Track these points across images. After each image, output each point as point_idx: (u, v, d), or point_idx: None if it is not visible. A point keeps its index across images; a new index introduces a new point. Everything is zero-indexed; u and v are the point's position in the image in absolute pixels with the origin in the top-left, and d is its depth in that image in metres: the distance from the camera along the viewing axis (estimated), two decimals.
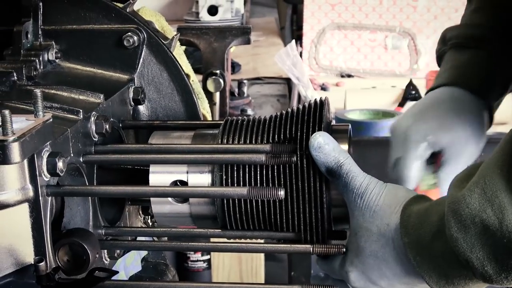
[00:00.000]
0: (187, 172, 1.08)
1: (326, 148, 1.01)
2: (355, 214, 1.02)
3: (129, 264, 1.21)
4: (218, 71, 2.12)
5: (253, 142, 1.08)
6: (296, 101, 2.56)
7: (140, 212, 1.28)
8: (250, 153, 1.03)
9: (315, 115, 1.08)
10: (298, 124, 1.07)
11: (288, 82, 2.84)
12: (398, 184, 1.16)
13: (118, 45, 1.23)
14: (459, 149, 1.29)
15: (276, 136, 1.08)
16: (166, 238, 1.26)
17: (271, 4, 5.24)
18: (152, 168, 1.09)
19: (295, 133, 1.06)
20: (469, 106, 1.32)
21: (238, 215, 1.07)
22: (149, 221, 1.31)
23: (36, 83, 1.17)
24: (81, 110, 1.04)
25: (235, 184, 1.05)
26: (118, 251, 1.11)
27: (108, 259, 1.11)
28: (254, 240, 1.08)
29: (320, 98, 1.13)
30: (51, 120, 0.92)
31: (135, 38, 1.23)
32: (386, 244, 0.99)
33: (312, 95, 2.73)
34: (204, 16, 3.75)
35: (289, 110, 1.13)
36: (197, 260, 2.73)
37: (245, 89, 2.40)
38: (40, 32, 1.25)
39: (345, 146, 1.07)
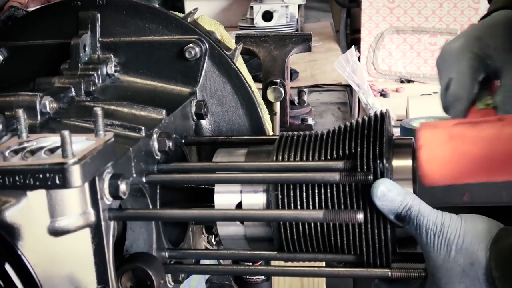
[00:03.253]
0: (241, 192, 1.03)
1: (390, 195, 0.95)
2: (431, 256, 0.95)
3: (193, 287, 1.15)
4: (278, 80, 2.06)
5: (310, 158, 1.02)
6: (357, 109, 2.48)
7: (204, 231, 1.23)
8: (321, 171, 0.97)
9: (375, 130, 1.01)
10: (358, 139, 1.00)
11: (347, 89, 2.76)
12: (454, 105, 1.11)
13: (179, 57, 1.18)
14: None
15: (334, 152, 1.01)
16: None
17: (325, 8, 5.16)
18: (217, 188, 1.03)
19: (355, 149, 1.00)
20: None
21: (296, 237, 1.01)
22: (212, 240, 1.25)
23: (94, 98, 1.12)
24: (143, 128, 0.99)
25: (292, 205, 0.99)
26: (182, 275, 1.06)
27: (172, 283, 1.06)
28: (317, 263, 1.02)
29: (381, 111, 1.06)
30: (112, 139, 0.87)
31: (197, 49, 1.17)
32: (472, 284, 0.92)
33: (373, 102, 2.65)
34: (259, 22, 3.69)
35: (347, 124, 1.06)
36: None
37: (305, 97, 2.33)
38: (98, 45, 1.20)
39: (409, 162, 1.00)
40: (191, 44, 1.17)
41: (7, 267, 0.80)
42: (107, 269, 0.87)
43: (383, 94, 3.18)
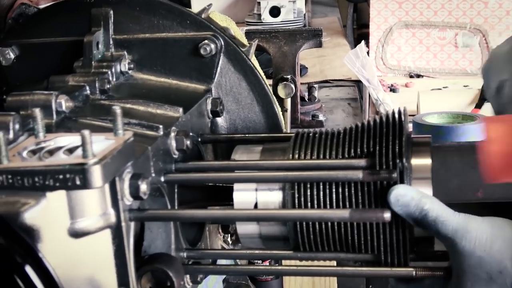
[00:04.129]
0: (256, 190, 1.01)
1: (404, 200, 0.92)
2: (455, 258, 0.93)
3: (211, 287, 1.14)
4: (289, 76, 2.04)
5: (327, 157, 1.00)
6: (368, 104, 2.46)
7: (220, 231, 1.21)
8: (341, 169, 0.95)
9: (394, 128, 0.99)
10: (377, 137, 0.98)
11: (357, 84, 2.74)
12: (507, 108, 1.07)
13: (194, 53, 1.16)
14: None
15: (352, 150, 1.00)
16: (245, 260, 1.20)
17: (332, 3, 5.14)
18: (236, 186, 1.02)
19: (373, 148, 0.98)
20: None
21: (312, 236, 0.99)
22: (228, 239, 1.24)
23: (109, 96, 1.10)
24: (161, 126, 0.97)
25: (309, 203, 0.97)
26: (201, 275, 1.04)
27: (191, 284, 1.04)
28: (329, 263, 1.00)
29: (399, 108, 1.04)
30: (132, 139, 0.85)
31: (212, 46, 1.15)
32: None
33: (383, 97, 2.63)
34: (266, 17, 3.67)
35: (364, 122, 1.04)
36: None
37: (315, 93, 2.31)
38: (111, 42, 1.18)
39: (428, 160, 0.98)
40: (206, 41, 1.15)
41: (28, 269, 0.78)
42: (128, 270, 0.85)
43: (392, 89, 3.15)
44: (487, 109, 2.64)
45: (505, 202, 1.02)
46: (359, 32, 5.10)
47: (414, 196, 0.93)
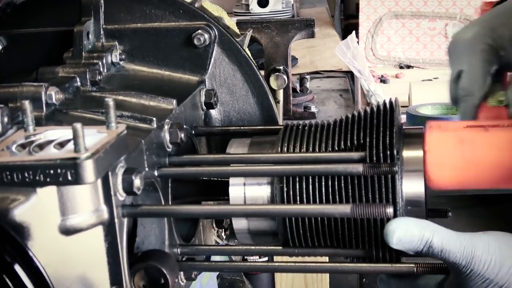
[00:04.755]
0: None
1: (406, 238, 0.88)
2: (461, 279, 0.89)
3: (205, 284, 1.11)
4: (281, 67, 2.01)
5: (316, 149, 0.98)
6: (360, 96, 2.44)
7: (214, 225, 1.19)
8: (336, 162, 0.92)
9: (385, 119, 0.97)
10: (367, 129, 0.96)
11: (348, 75, 2.71)
12: (464, 100, 1.07)
13: (187, 44, 1.13)
14: None
15: (342, 143, 0.97)
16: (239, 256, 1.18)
17: None
18: (232, 180, 0.99)
19: (363, 139, 0.95)
20: None
21: (302, 231, 0.97)
22: (222, 234, 1.21)
23: (100, 88, 1.07)
24: (154, 119, 0.94)
25: (298, 198, 0.94)
26: (195, 272, 1.01)
27: (184, 281, 1.02)
28: (324, 259, 0.98)
29: (390, 99, 1.02)
30: (125, 132, 0.82)
31: (206, 36, 1.12)
32: None
33: (374, 89, 2.61)
34: (255, 8, 3.64)
35: (355, 113, 1.02)
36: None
37: (307, 84, 2.28)
38: (102, 32, 1.15)
39: (420, 152, 0.95)
40: (200, 31, 1.12)
41: (17, 268, 0.75)
42: (121, 268, 0.82)
43: (383, 80, 3.13)
44: None
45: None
46: (346, 23, 5.08)
47: (415, 232, 0.88)
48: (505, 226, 0.97)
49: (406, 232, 0.88)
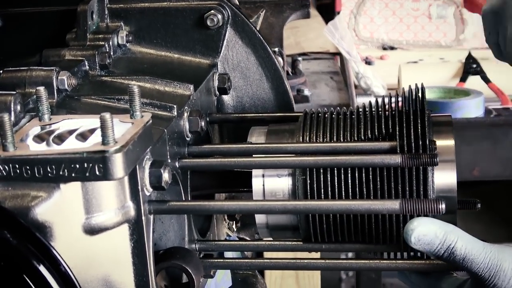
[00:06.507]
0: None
1: (426, 239, 0.82)
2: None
3: (219, 280, 1.05)
4: (276, 49, 1.93)
5: (341, 139, 0.92)
6: (353, 78, 2.38)
7: (225, 217, 1.12)
8: (372, 153, 0.87)
9: (416, 107, 0.92)
10: (396, 117, 0.90)
11: (336, 57, 2.66)
12: None
13: (198, 25, 1.06)
14: None
15: (369, 132, 0.91)
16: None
17: None
18: (255, 172, 0.93)
19: (392, 128, 0.90)
20: None
21: (325, 226, 0.91)
22: (233, 226, 1.15)
23: (109, 72, 1.00)
24: (175, 106, 0.88)
25: (322, 190, 0.88)
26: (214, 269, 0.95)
27: (202, 278, 0.95)
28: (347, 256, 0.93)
29: (416, 85, 0.96)
30: (151, 122, 0.76)
31: (219, 16, 1.06)
32: None
33: (364, 71, 2.55)
34: None
35: (378, 100, 0.96)
36: None
37: (300, 66, 2.22)
38: (106, 12, 1.07)
39: (451, 141, 0.91)
40: (212, 11, 1.05)
41: (42, 269, 0.68)
42: (147, 270, 0.76)
43: (367, 61, 3.07)
44: (472, 83, 2.58)
45: None
46: (318, 3, 5.00)
47: (438, 233, 0.82)
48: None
49: (428, 233, 0.82)
